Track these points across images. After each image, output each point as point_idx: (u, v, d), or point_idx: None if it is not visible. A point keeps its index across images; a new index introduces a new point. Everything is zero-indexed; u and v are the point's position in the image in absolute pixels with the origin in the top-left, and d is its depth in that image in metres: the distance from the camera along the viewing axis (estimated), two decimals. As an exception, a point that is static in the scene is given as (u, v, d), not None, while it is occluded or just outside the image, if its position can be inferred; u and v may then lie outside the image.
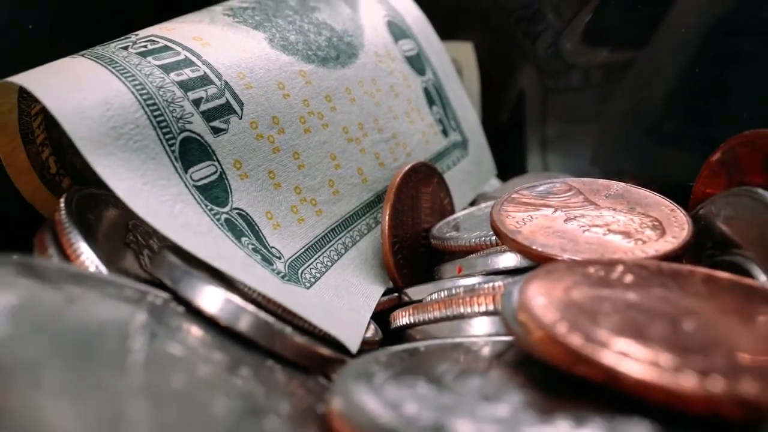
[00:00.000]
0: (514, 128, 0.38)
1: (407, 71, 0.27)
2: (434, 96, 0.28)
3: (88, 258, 0.15)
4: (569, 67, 0.35)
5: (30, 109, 0.21)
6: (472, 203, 0.28)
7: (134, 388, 0.08)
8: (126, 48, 0.19)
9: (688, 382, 0.09)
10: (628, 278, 0.14)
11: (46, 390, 0.07)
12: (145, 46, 0.19)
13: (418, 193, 0.24)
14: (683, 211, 0.19)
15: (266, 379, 0.12)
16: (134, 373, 0.09)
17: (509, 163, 0.36)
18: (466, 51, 0.37)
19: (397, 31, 0.27)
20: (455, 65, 0.36)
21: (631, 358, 0.10)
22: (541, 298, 0.12)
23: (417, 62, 0.28)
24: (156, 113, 0.17)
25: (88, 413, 0.07)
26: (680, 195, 0.21)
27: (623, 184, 0.21)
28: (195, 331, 0.12)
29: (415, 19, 0.29)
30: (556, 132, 0.37)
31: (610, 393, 0.10)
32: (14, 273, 0.10)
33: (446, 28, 0.33)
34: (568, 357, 0.11)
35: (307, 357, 0.14)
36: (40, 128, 0.22)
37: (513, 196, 0.20)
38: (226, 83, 0.19)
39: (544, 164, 0.37)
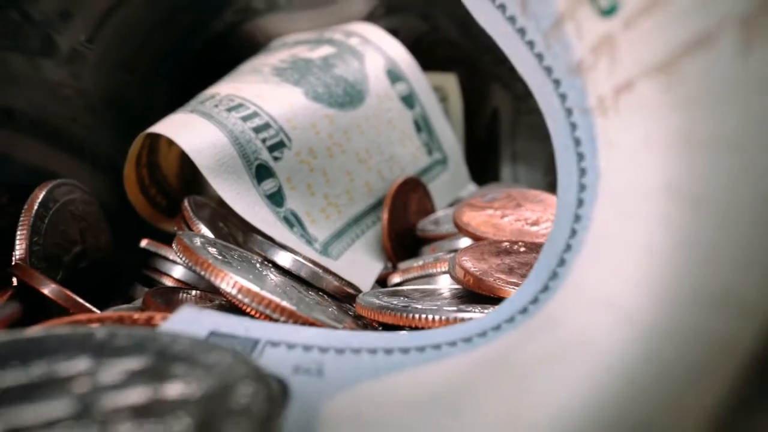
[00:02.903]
0: (490, 143, 0.51)
1: (401, 107, 0.40)
2: (421, 125, 0.41)
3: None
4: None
5: (144, 142, 0.34)
6: (451, 205, 0.41)
7: (273, 286, 0.21)
8: (216, 106, 0.32)
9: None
10: (522, 249, 0.27)
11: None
12: (228, 104, 0.32)
13: (408, 199, 0.36)
14: (578, 211, 0.32)
15: (322, 298, 0.25)
16: (270, 279, 0.22)
17: (486, 173, 0.49)
18: (450, 81, 0.50)
19: (394, 76, 0.40)
20: (442, 93, 0.49)
21: (501, 281, 0.23)
22: (467, 258, 0.25)
23: (408, 100, 0.40)
24: (241, 149, 0.30)
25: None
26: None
27: (547, 193, 0.34)
28: (279, 275, 0.25)
29: (408, 65, 0.42)
30: (522, 147, 0.50)
31: (494, 299, 0.23)
32: (205, 240, 0.23)
33: (436, 62, 0.46)
34: (475, 283, 0.23)
35: (340, 293, 0.27)
36: (145, 154, 0.35)
37: (470, 201, 0.33)
38: (280, 126, 0.32)
39: (514, 174, 0.50)
